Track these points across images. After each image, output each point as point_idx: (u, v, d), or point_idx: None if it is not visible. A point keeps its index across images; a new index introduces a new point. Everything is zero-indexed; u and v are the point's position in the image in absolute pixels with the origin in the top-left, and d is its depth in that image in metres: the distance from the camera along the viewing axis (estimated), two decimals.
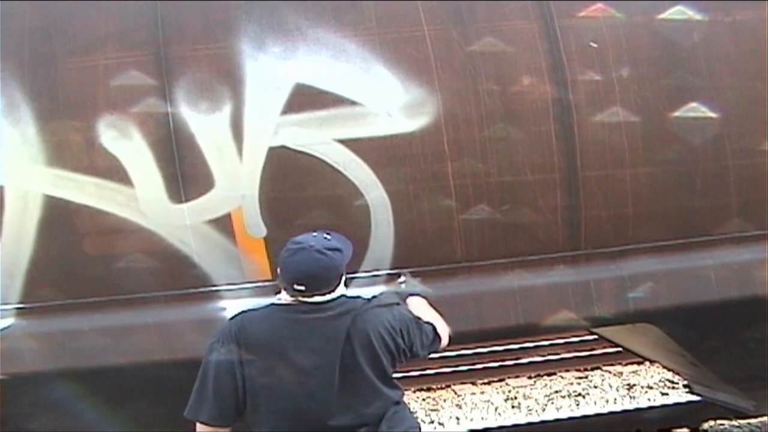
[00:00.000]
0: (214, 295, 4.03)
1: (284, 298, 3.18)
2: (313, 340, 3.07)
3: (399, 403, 3.20)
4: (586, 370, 9.13)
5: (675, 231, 4.28)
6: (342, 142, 3.92)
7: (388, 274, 4.07)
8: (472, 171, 4.03)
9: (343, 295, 3.18)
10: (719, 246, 4.32)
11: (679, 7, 4.21)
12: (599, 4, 4.12)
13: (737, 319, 4.42)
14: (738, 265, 4.33)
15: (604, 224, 4.17)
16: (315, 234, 3.23)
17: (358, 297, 3.25)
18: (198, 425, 3.12)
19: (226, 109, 3.85)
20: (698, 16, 4.23)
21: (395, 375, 3.22)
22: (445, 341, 3.46)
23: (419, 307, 3.60)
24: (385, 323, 3.14)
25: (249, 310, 3.19)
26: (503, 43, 4.04)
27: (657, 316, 4.37)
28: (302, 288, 3.08)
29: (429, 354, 3.38)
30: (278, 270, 3.19)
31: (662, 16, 4.20)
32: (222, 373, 3.08)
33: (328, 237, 3.22)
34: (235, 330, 3.12)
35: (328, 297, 3.12)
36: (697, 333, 4.54)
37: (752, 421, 6.29)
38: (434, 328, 3.39)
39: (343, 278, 3.19)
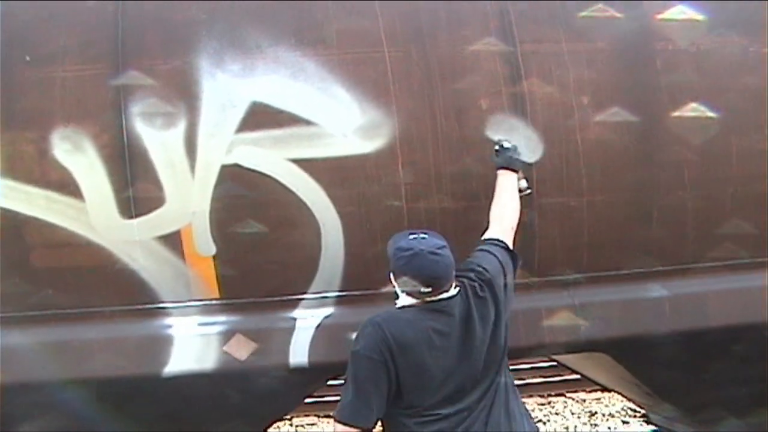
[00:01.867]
0: (160, 312, 4.14)
1: (404, 301, 3.48)
2: (455, 334, 3.39)
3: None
4: (549, 396, 9.29)
5: (630, 260, 4.43)
6: (296, 162, 4.08)
7: (337, 296, 4.21)
8: (425, 194, 4.18)
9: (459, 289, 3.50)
10: (675, 276, 4.49)
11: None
12: (562, 33, 4.26)
13: (690, 350, 4.57)
14: (693, 296, 4.50)
15: (558, 252, 4.27)
16: (413, 237, 3.50)
17: (462, 279, 3.52)
18: (346, 429, 3.33)
19: (181, 126, 4.01)
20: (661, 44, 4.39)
21: None
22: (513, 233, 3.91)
23: (504, 188, 4.00)
24: (495, 292, 3.54)
25: (385, 316, 3.42)
26: (463, 67, 4.20)
27: (609, 346, 4.47)
28: (429, 290, 3.36)
29: None
30: (395, 278, 3.48)
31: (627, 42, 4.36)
32: (377, 378, 3.31)
33: (426, 237, 3.49)
34: (381, 335, 3.33)
35: (453, 291, 3.44)
36: (651, 363, 4.67)
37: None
38: (507, 248, 3.77)
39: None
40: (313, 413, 8.84)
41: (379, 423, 3.47)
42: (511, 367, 3.71)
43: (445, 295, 3.39)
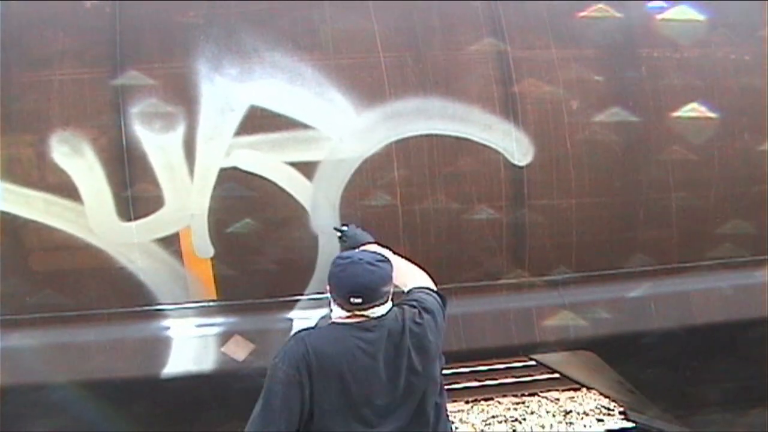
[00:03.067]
0: (158, 314, 4.24)
1: (337, 314, 3.35)
2: (382, 356, 3.26)
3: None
4: (523, 395, 9.42)
5: (619, 260, 4.61)
6: (293, 165, 4.20)
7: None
8: (420, 197, 4.32)
9: (392, 307, 3.39)
10: (661, 276, 4.68)
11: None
12: (552, 39, 4.44)
13: (676, 347, 4.76)
14: (679, 295, 4.70)
15: (549, 252, 4.41)
16: (357, 250, 3.48)
17: (402, 306, 3.43)
18: None
19: (180, 129, 4.12)
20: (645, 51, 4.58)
21: None
22: None
23: (390, 258, 3.77)
24: (432, 325, 3.38)
25: (309, 330, 3.35)
26: (456, 73, 4.35)
27: (596, 344, 4.60)
28: (359, 301, 3.26)
29: None
30: (329, 286, 3.35)
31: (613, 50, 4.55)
32: (290, 395, 3.18)
33: (370, 252, 3.45)
34: (302, 351, 3.22)
35: (383, 309, 3.32)
36: (636, 361, 4.82)
37: None
38: (440, 295, 3.59)
39: (391, 290, 3.40)
40: None
41: None
42: (485, 368, 3.73)
43: (376, 313, 3.28)
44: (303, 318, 4.29)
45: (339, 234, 4.10)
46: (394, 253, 3.75)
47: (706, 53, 4.64)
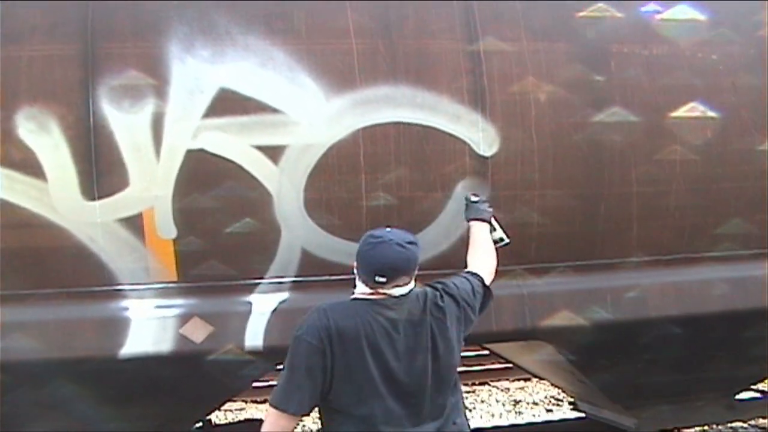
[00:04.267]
0: (118, 294, 4.27)
1: (361, 291, 3.49)
2: (401, 334, 3.39)
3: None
4: (473, 384, 9.59)
5: (578, 253, 4.77)
6: (260, 148, 4.27)
7: (293, 281, 4.41)
8: (384, 184, 4.43)
9: (414, 288, 3.52)
10: (619, 269, 4.85)
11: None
12: (523, 31, 4.57)
13: (629, 339, 4.94)
14: (635, 288, 4.87)
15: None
16: (389, 228, 3.59)
17: (425, 287, 3.59)
18: (276, 413, 3.33)
19: (148, 109, 4.18)
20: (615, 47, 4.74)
21: None
22: (489, 282, 3.94)
23: (478, 238, 4.14)
24: (454, 310, 3.53)
25: (332, 304, 3.45)
26: (427, 61, 4.46)
27: (551, 335, 4.74)
28: (383, 280, 3.39)
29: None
30: (356, 263, 3.50)
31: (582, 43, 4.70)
32: (313, 365, 3.31)
33: (400, 232, 3.55)
34: (324, 322, 3.35)
35: (406, 289, 3.45)
36: (589, 352, 4.99)
37: (760, 422, 6.79)
38: (482, 282, 3.84)
39: (416, 272, 3.52)
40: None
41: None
42: None
43: (397, 291, 3.41)
44: (262, 302, 4.35)
45: (467, 202, 4.28)
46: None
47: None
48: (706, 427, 7.00)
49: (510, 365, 7.81)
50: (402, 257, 3.39)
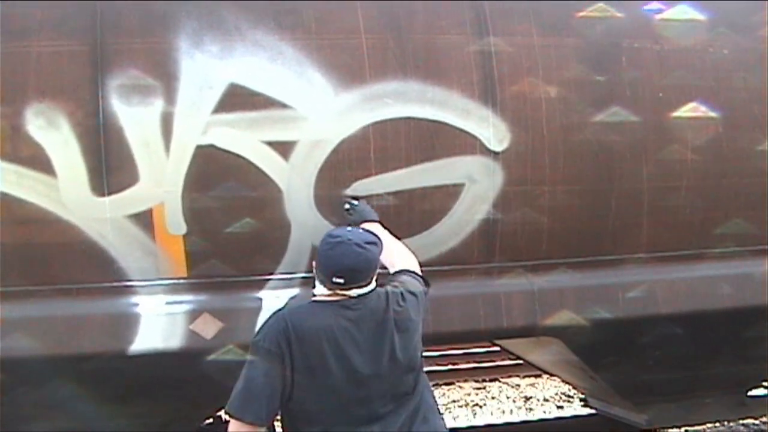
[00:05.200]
0: (127, 290, 4.29)
1: (319, 291, 3.47)
2: (363, 334, 3.37)
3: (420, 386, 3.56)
4: (484, 381, 9.62)
5: (588, 248, 4.77)
6: (270, 144, 4.28)
7: (303, 277, 4.41)
8: (395, 180, 4.42)
9: (375, 288, 3.50)
10: (628, 266, 4.85)
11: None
12: (533, 26, 4.58)
13: (640, 336, 4.94)
14: (646, 284, 4.87)
15: (520, 238, 4.53)
16: (350, 228, 3.58)
17: (382, 286, 3.55)
18: (234, 422, 3.29)
19: (158, 105, 4.19)
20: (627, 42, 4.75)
21: None
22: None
23: (384, 239, 3.86)
24: (414, 305, 3.51)
25: (291, 308, 3.45)
26: (437, 57, 4.47)
27: (562, 331, 4.76)
28: (341, 281, 3.37)
29: None
30: (315, 263, 3.49)
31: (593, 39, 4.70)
32: (271, 372, 3.28)
33: (361, 232, 3.55)
34: (283, 327, 3.33)
35: (366, 290, 3.43)
36: (598, 349, 5.00)
37: (755, 421, 6.80)
38: (424, 279, 3.80)
39: (376, 272, 3.50)
40: None
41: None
42: (446, 353, 3.76)
43: (357, 291, 3.39)
44: (273, 297, 4.34)
45: (347, 207, 4.22)
46: (391, 233, 3.94)
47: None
48: (717, 424, 7.00)
49: (520, 362, 7.82)
50: (361, 258, 3.37)
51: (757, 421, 7.03)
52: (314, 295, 3.47)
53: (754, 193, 4.97)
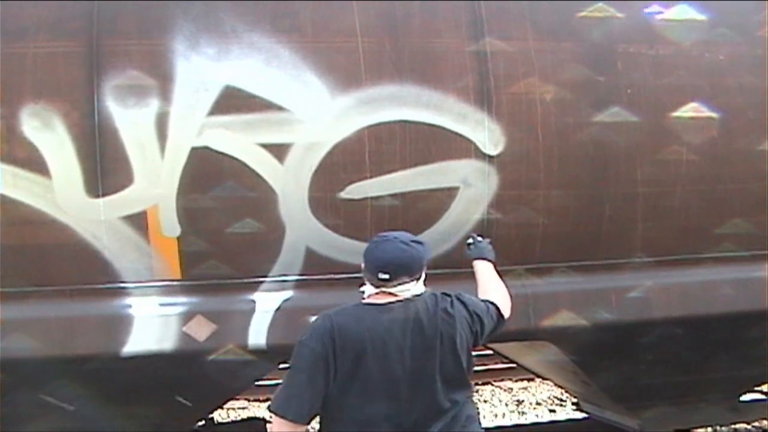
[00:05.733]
0: (122, 292, 4.30)
1: (366, 291, 3.52)
2: (408, 338, 3.37)
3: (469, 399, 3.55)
4: (476, 384, 9.60)
5: (582, 252, 4.79)
6: (265, 146, 4.29)
7: (297, 279, 4.43)
8: (390, 183, 4.44)
9: (423, 292, 3.53)
10: (623, 269, 4.87)
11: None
12: (530, 30, 4.60)
13: (632, 340, 4.98)
14: (640, 289, 4.90)
15: (514, 242, 4.55)
16: (396, 232, 3.63)
17: (435, 293, 3.57)
18: (277, 420, 3.31)
19: (153, 107, 4.20)
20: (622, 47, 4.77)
21: None
22: (507, 315, 3.88)
23: (486, 274, 4.02)
24: (465, 317, 3.50)
25: (338, 310, 3.45)
26: (433, 60, 4.49)
27: (555, 335, 4.79)
28: (387, 276, 3.42)
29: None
30: (362, 263, 3.52)
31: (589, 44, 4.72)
32: (315, 371, 3.31)
33: (407, 233, 3.62)
34: (328, 326, 3.35)
35: (413, 291, 3.47)
36: (592, 352, 5.01)
37: (764, 423, 6.80)
38: (498, 309, 3.74)
39: (424, 274, 3.53)
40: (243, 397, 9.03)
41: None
42: None
43: (403, 293, 3.42)
44: (266, 300, 4.38)
45: (470, 242, 4.27)
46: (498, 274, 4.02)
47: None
48: (709, 429, 7.02)
49: (513, 365, 7.83)
50: (405, 254, 3.42)
51: (749, 426, 7.05)
52: (363, 298, 3.50)
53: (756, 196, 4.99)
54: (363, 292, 3.51)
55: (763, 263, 5.09)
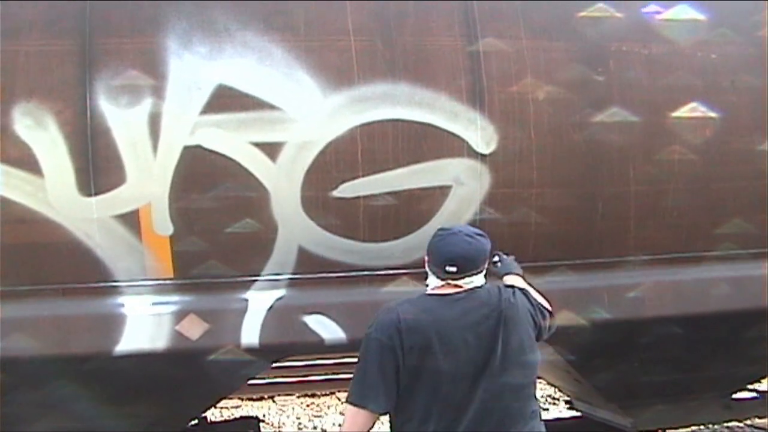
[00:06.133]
0: (114, 291, 4.31)
1: (432, 283, 3.55)
2: (473, 328, 3.39)
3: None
4: None
5: (575, 251, 4.80)
6: (257, 145, 4.30)
7: (290, 278, 4.44)
8: (383, 182, 4.45)
9: (486, 283, 3.58)
10: (617, 268, 4.88)
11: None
12: (522, 30, 4.61)
13: (626, 339, 4.99)
14: (635, 288, 4.90)
15: (506, 241, 4.56)
16: (459, 226, 3.70)
17: (497, 284, 3.66)
18: (354, 410, 3.35)
19: (146, 105, 4.21)
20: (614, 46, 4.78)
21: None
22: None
23: (520, 282, 4.02)
24: (528, 307, 3.55)
25: (402, 301, 3.48)
26: (426, 59, 4.50)
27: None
28: (453, 269, 3.46)
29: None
30: (427, 256, 3.57)
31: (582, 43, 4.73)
32: (384, 362, 3.34)
33: (470, 227, 3.67)
34: (394, 318, 3.39)
35: (476, 283, 3.51)
36: (587, 351, 5.03)
37: (756, 421, 6.81)
38: (550, 311, 3.78)
39: (486, 266, 3.58)
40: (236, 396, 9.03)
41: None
42: None
43: (468, 281, 3.46)
44: (258, 299, 4.38)
45: (496, 259, 4.26)
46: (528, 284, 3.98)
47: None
48: (702, 427, 7.04)
49: None
50: (472, 247, 3.46)
51: (741, 424, 7.07)
52: (426, 290, 3.52)
53: (752, 195, 4.98)
54: (426, 282, 3.55)
55: (761, 261, 5.09)
